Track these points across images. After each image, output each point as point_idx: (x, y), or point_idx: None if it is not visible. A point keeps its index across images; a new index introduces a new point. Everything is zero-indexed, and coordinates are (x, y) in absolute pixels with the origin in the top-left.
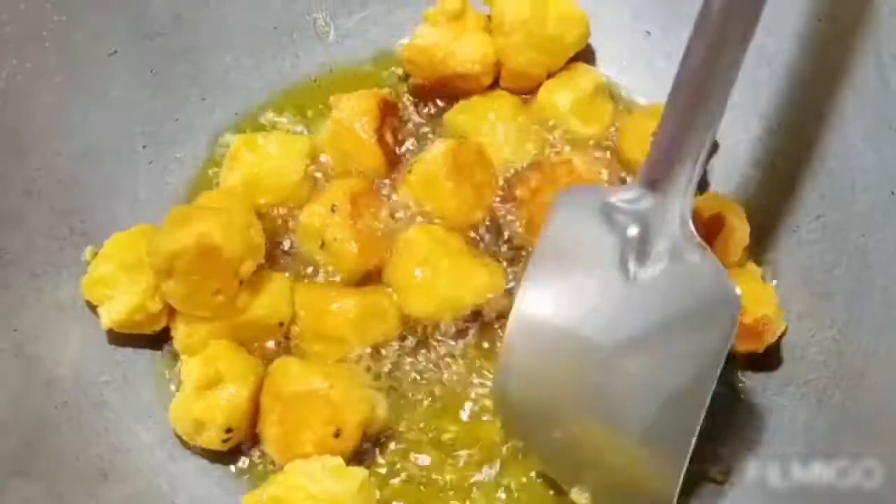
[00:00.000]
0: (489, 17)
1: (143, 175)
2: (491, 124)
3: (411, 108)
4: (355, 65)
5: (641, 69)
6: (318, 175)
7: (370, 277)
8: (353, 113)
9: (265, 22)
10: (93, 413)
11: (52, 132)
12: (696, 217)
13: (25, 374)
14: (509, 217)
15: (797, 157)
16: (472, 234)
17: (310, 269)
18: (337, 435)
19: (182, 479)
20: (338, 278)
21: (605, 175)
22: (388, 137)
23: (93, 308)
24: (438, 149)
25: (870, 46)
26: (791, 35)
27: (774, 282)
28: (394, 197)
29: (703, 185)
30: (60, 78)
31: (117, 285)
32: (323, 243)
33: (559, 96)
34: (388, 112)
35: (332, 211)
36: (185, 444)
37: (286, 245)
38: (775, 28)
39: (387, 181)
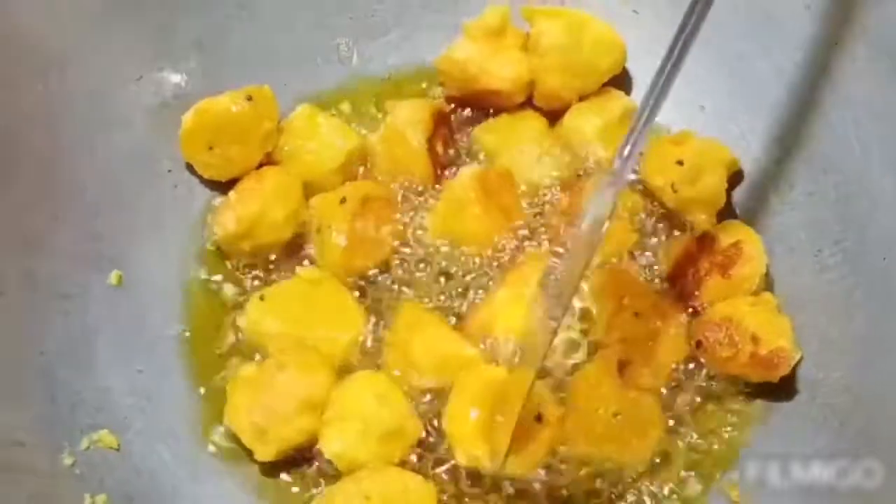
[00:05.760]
0: (528, 34)
1: (168, 199)
2: (517, 145)
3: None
4: (377, 88)
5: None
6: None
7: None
8: (408, 120)
9: (287, 46)
10: (117, 435)
11: (77, 157)
12: (715, 246)
13: (51, 396)
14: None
15: (817, 183)
16: (492, 252)
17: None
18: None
19: (204, 499)
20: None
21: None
22: (439, 147)
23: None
24: (466, 174)
25: (890, 72)
26: (810, 61)
27: (795, 307)
28: (415, 217)
29: (728, 214)
30: (85, 103)
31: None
32: (319, 228)
33: (586, 121)
34: (441, 123)
35: (340, 203)
36: (207, 464)
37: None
38: (794, 54)
39: (414, 201)
